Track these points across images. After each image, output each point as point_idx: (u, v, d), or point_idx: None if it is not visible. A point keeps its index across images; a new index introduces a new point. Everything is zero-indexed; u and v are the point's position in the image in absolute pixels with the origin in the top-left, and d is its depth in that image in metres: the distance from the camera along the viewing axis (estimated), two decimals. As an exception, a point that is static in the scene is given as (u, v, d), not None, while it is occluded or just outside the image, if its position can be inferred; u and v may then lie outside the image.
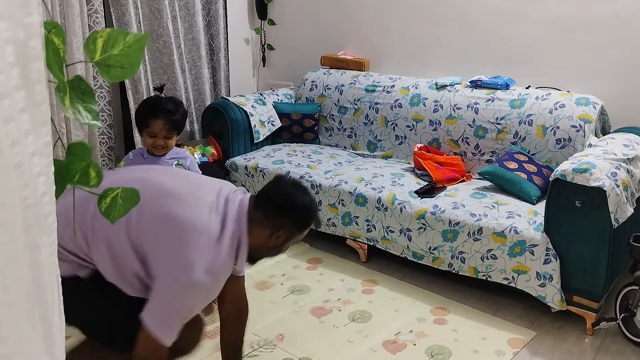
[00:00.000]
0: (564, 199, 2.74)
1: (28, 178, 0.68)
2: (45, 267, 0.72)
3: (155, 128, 2.82)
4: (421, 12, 4.20)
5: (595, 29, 3.50)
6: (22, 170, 0.68)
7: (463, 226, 3.04)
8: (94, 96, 0.78)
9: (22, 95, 0.69)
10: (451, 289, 3.24)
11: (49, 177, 0.72)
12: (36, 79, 0.72)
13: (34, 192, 0.69)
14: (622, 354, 2.70)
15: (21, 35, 0.70)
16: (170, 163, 2.91)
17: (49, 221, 0.72)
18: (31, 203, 0.69)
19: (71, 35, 3.67)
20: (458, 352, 2.69)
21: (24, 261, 0.69)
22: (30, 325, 0.70)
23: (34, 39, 0.72)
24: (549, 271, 2.81)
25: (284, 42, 5.06)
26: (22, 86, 0.69)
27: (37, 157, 0.71)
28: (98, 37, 0.80)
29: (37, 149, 0.71)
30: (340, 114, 4.32)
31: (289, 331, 2.82)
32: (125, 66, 0.80)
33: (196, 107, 4.59)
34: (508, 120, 3.55)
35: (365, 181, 3.53)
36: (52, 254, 0.75)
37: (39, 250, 0.71)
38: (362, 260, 3.56)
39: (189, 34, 4.45)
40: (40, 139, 0.71)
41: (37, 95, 0.72)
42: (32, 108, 0.71)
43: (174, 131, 2.87)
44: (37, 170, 0.71)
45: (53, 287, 0.76)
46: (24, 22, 0.71)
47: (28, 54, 0.71)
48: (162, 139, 2.85)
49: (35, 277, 0.70)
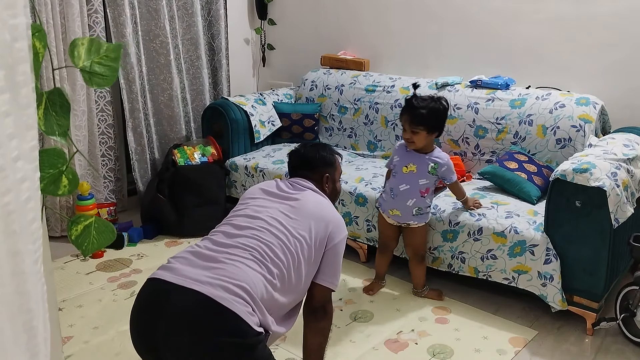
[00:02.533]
0: (564, 199, 2.73)
1: (10, 183, 0.67)
2: (28, 275, 0.69)
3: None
4: (421, 12, 4.19)
5: (595, 29, 3.49)
6: (4, 174, 0.66)
7: (463, 226, 3.03)
8: (69, 111, 0.77)
9: (6, 98, 0.67)
10: (452, 289, 3.23)
11: (34, 182, 0.70)
12: (22, 81, 0.70)
13: (16, 197, 0.67)
14: (622, 354, 2.69)
15: (7, 37, 0.69)
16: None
17: (33, 227, 0.70)
18: (13, 209, 0.67)
19: (71, 35, 3.67)
20: (460, 351, 2.69)
21: (5, 269, 0.67)
22: (13, 334, 0.67)
23: (20, 41, 0.71)
24: (549, 271, 2.80)
25: (284, 42, 5.05)
26: (6, 89, 0.68)
27: (22, 162, 0.69)
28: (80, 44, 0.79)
29: (21, 153, 0.69)
30: (340, 114, 4.31)
31: (291, 331, 2.79)
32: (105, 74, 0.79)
33: (194, 107, 4.58)
34: (508, 120, 3.54)
35: (365, 181, 3.52)
36: (37, 261, 0.72)
37: (22, 257, 0.69)
38: (362, 260, 3.55)
39: (187, 34, 4.44)
40: (25, 143, 0.69)
41: (22, 99, 0.70)
42: (17, 111, 0.69)
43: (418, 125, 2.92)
44: (21, 175, 0.69)
45: (37, 295, 0.74)
46: (10, 24, 0.69)
47: (14, 56, 0.70)
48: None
49: (18, 286, 0.67)
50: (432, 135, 2.95)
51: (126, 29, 3.97)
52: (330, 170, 2.46)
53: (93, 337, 2.77)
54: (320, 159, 2.44)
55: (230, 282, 1.82)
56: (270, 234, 2.03)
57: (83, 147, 3.94)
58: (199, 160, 4.05)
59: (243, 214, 2.15)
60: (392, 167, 3.08)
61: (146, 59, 4.22)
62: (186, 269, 1.88)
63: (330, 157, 2.49)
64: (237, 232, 2.03)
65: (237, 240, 1.99)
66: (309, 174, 2.39)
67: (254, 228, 2.04)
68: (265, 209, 2.15)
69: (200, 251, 1.97)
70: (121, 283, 3.32)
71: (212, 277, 1.82)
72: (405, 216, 3.02)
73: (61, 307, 3.04)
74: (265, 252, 1.97)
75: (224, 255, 1.93)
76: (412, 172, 2.98)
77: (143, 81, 4.20)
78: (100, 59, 0.81)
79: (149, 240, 3.90)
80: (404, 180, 3.00)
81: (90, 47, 0.82)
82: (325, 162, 2.45)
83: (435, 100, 2.93)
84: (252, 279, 1.87)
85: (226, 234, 2.04)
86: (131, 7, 4.04)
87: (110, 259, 3.61)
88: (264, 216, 2.10)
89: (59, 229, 3.90)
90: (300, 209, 2.17)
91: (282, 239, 2.04)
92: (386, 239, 3.17)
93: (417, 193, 2.98)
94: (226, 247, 1.96)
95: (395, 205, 3.03)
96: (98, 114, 4.02)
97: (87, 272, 3.45)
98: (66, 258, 3.59)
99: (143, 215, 4.03)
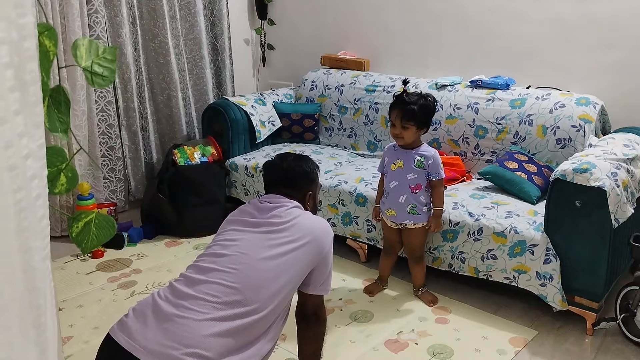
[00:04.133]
0: (564, 199, 2.74)
1: (22, 181, 0.67)
2: (38, 272, 0.70)
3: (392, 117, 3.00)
4: (421, 12, 4.19)
5: (595, 29, 3.50)
6: (16, 172, 0.67)
7: (463, 226, 3.04)
8: (69, 108, 0.78)
9: (17, 97, 0.68)
10: (452, 288, 3.24)
11: (43, 179, 0.71)
12: (30, 80, 0.71)
13: (27, 195, 0.68)
14: (622, 354, 2.70)
15: (15, 36, 0.69)
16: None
17: (42, 224, 0.71)
18: (25, 206, 0.67)
19: (71, 35, 3.67)
20: (460, 351, 2.70)
21: (16, 265, 0.67)
22: (23, 331, 0.68)
23: (28, 39, 0.71)
24: (549, 271, 2.80)
25: (284, 42, 5.05)
26: (16, 87, 0.68)
27: (31, 160, 0.69)
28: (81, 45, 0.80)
29: (31, 151, 0.69)
30: (340, 114, 4.31)
31: (291, 331, 2.81)
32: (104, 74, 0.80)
33: (197, 108, 4.59)
34: (508, 120, 3.54)
35: (365, 181, 3.52)
36: (45, 258, 0.73)
37: (32, 254, 0.70)
38: (362, 260, 3.55)
39: (190, 33, 4.45)
40: (34, 141, 0.70)
41: (31, 97, 0.71)
42: (26, 109, 0.70)
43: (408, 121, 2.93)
44: (31, 173, 0.69)
45: (46, 292, 0.74)
46: (18, 23, 0.70)
47: (22, 55, 0.70)
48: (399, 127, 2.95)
49: (28, 282, 0.68)
50: (421, 130, 2.98)
51: (122, 29, 3.98)
52: (313, 187, 2.31)
53: (93, 337, 2.77)
54: (304, 176, 2.27)
55: (180, 351, 1.74)
56: (236, 274, 1.91)
57: (83, 147, 3.94)
58: (199, 160, 4.05)
59: (210, 252, 2.02)
60: (384, 169, 3.09)
61: (145, 58, 4.22)
62: (139, 331, 1.79)
63: (312, 172, 2.32)
64: (200, 277, 1.90)
65: (198, 289, 1.87)
66: (291, 193, 2.21)
67: (218, 270, 1.92)
68: (235, 243, 2.02)
69: (158, 304, 1.85)
70: (121, 283, 3.32)
71: (162, 344, 1.74)
72: (401, 215, 3.02)
73: (61, 307, 3.03)
74: (228, 299, 1.86)
75: (181, 309, 1.82)
76: (400, 168, 3.00)
77: (141, 81, 4.21)
78: (99, 60, 0.81)
79: (149, 240, 3.90)
80: (393, 177, 3.02)
81: (90, 48, 0.83)
82: (308, 179, 2.29)
83: (424, 97, 2.97)
84: (208, 342, 1.77)
85: (188, 281, 1.91)
86: (130, 7, 4.04)
87: (110, 259, 3.61)
88: (232, 251, 1.98)
89: (59, 229, 3.90)
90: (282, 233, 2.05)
91: (252, 275, 1.92)
92: (390, 242, 3.18)
93: (407, 189, 2.98)
94: (185, 299, 1.84)
95: (390, 205, 3.04)
96: (98, 114, 4.02)
97: (87, 272, 3.45)
98: (66, 258, 3.59)
99: (143, 215, 4.03)
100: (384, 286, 3.25)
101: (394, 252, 3.20)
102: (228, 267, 1.92)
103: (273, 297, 1.94)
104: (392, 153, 3.07)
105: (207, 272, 1.92)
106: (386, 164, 3.08)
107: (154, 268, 3.50)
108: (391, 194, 3.03)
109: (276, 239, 2.02)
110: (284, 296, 1.99)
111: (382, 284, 3.25)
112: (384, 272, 3.24)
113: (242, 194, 4.11)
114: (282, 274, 1.97)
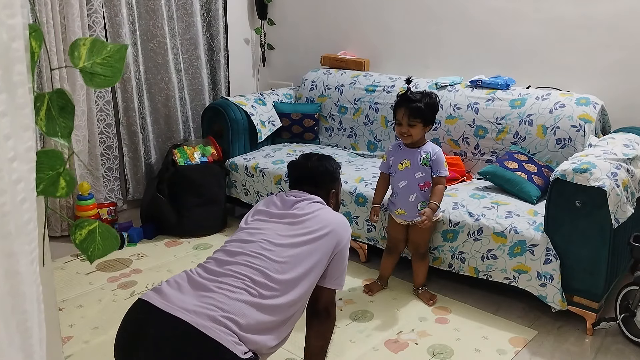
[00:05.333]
0: (564, 199, 2.73)
1: (6, 184, 0.66)
2: (23, 276, 0.69)
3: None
4: (421, 12, 4.19)
5: (595, 29, 3.49)
6: (0, 175, 0.66)
7: (463, 226, 3.03)
8: (73, 112, 0.77)
9: (3, 98, 0.67)
10: (452, 288, 3.23)
11: (30, 183, 0.70)
12: (18, 81, 0.70)
13: (12, 198, 0.67)
14: (622, 354, 2.69)
15: (4, 37, 0.69)
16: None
17: (29, 228, 0.70)
18: (8, 210, 0.67)
19: (71, 35, 3.68)
20: (460, 351, 2.69)
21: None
22: (7, 336, 0.67)
23: (17, 40, 0.70)
24: (549, 271, 2.80)
25: (284, 42, 5.05)
26: (3, 89, 0.67)
27: (17, 163, 0.69)
28: (81, 45, 0.79)
29: (17, 154, 0.69)
30: (340, 114, 4.31)
31: (292, 332, 2.81)
32: (107, 75, 0.79)
33: (193, 107, 4.59)
34: (508, 120, 3.54)
35: (365, 181, 3.52)
36: (32, 262, 0.72)
37: (17, 258, 0.69)
38: (362, 260, 3.55)
39: (187, 34, 4.45)
40: (21, 143, 0.69)
41: (19, 99, 0.70)
42: (14, 111, 0.69)
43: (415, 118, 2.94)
44: (17, 176, 0.69)
45: (32, 296, 0.73)
46: (7, 24, 0.69)
47: (10, 56, 0.69)
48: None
49: (12, 287, 0.67)
50: (427, 128, 2.99)
51: (122, 29, 3.98)
52: (336, 185, 2.43)
53: (93, 337, 2.77)
54: (327, 174, 2.40)
55: (217, 313, 1.79)
56: (262, 259, 1.99)
57: (83, 147, 3.94)
58: (199, 160, 4.05)
59: (237, 238, 2.12)
60: (390, 169, 3.08)
61: (144, 58, 4.22)
62: (175, 295, 1.86)
63: (336, 171, 2.45)
64: (229, 259, 2.00)
65: (228, 268, 1.95)
66: (315, 190, 2.32)
67: (245, 254, 2.01)
68: (260, 231, 2.12)
69: (193, 277, 1.94)
70: (121, 283, 3.32)
71: (199, 305, 1.81)
72: (411, 214, 3.02)
73: (61, 307, 3.04)
74: (257, 279, 1.93)
75: (215, 284, 1.90)
76: (407, 167, 3.00)
77: (139, 81, 4.21)
78: (103, 60, 0.81)
79: (149, 240, 3.90)
80: (402, 177, 3.02)
81: (92, 48, 0.82)
82: (332, 178, 2.42)
83: (428, 95, 2.98)
84: (242, 310, 1.84)
85: (218, 262, 2.00)
86: (129, 7, 4.04)
87: (110, 259, 3.60)
88: (258, 239, 2.07)
89: (59, 229, 3.90)
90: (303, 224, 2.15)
91: (277, 260, 2.00)
92: (395, 241, 3.17)
93: (417, 187, 2.98)
94: (217, 276, 1.93)
95: (400, 205, 3.04)
96: (97, 113, 4.03)
97: (87, 272, 3.45)
98: (66, 258, 3.59)
99: (143, 215, 4.03)
100: (383, 286, 3.24)
101: (397, 251, 3.20)
102: (254, 252, 2.01)
103: (296, 282, 2.01)
104: (397, 153, 3.06)
105: (235, 255, 2.01)
106: (392, 164, 3.07)
107: (154, 268, 3.50)
108: (401, 194, 3.03)
109: (299, 229, 2.12)
110: (306, 287, 2.06)
111: (382, 284, 3.24)
112: (385, 272, 3.24)
113: (242, 194, 4.11)
114: (304, 261, 2.05)
